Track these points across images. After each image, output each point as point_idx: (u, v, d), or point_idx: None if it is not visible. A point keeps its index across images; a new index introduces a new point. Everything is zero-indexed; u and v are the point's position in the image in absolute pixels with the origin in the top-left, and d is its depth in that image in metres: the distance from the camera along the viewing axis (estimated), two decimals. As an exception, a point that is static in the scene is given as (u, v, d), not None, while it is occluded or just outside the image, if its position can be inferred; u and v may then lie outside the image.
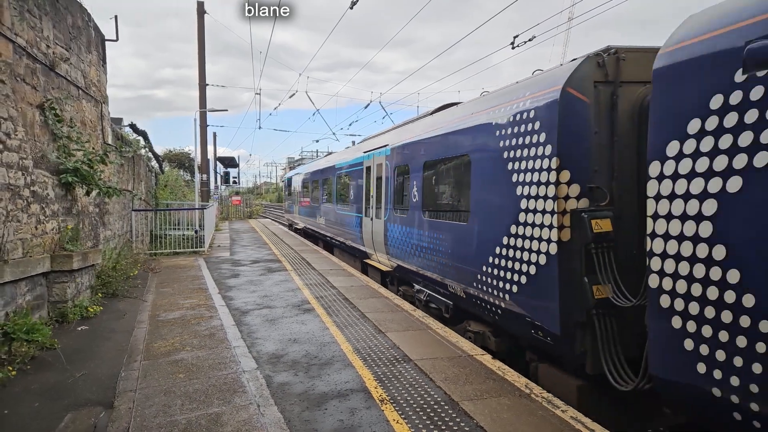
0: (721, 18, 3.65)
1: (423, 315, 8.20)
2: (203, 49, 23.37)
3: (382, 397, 4.89)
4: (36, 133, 7.25)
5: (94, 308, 7.99)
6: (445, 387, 5.15)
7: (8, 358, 5.61)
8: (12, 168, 6.39)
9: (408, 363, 5.88)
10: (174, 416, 4.47)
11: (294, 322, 7.73)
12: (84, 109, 9.62)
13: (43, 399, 4.92)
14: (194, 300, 9.19)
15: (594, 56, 5.13)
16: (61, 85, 8.37)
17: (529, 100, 5.71)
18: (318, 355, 6.19)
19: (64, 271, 7.40)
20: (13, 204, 6.36)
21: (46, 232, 7.38)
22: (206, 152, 24.73)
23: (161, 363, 5.85)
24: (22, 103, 6.85)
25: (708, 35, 3.67)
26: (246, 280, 11.49)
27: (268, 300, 9.31)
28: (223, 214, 38.33)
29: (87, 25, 9.95)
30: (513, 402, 4.81)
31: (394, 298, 9.44)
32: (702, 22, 3.82)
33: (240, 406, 4.68)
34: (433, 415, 4.54)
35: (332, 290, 10.18)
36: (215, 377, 5.40)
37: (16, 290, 6.38)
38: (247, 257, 15.57)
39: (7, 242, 6.18)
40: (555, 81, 5.33)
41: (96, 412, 4.68)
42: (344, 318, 7.93)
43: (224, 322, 7.61)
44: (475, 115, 7.05)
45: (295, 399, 4.89)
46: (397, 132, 11.60)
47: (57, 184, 7.86)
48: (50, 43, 7.91)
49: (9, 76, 6.43)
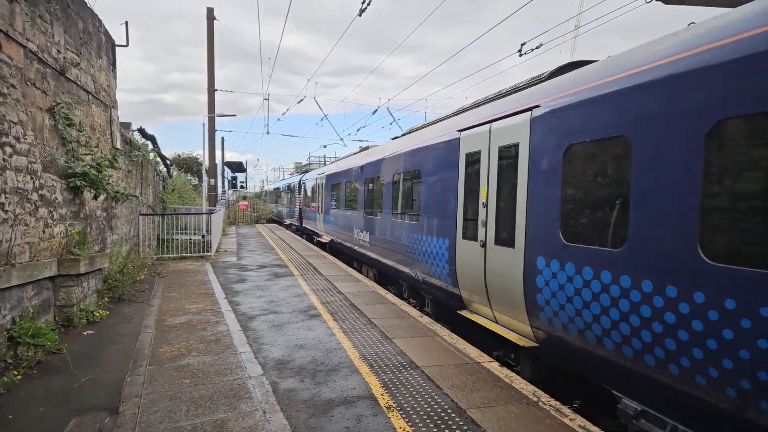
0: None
1: (430, 321, 8.13)
2: (212, 54, 23.50)
3: (388, 405, 4.84)
4: (45, 137, 7.28)
5: (100, 312, 7.99)
6: (453, 394, 5.09)
7: (14, 362, 5.61)
8: (21, 171, 6.41)
9: (415, 370, 5.82)
10: (179, 422, 4.44)
11: (300, 327, 7.69)
12: (93, 113, 9.67)
13: (48, 404, 4.90)
14: (200, 305, 9.18)
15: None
16: (71, 90, 8.42)
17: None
18: (324, 361, 6.14)
19: (71, 275, 7.41)
20: (21, 207, 6.38)
21: (54, 235, 7.40)
22: (214, 157, 24.79)
23: (167, 368, 5.82)
24: (32, 107, 6.88)
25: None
26: (252, 285, 11.47)
27: (274, 305, 9.28)
28: (231, 219, 38.44)
29: (98, 31, 10.01)
30: (521, 410, 4.74)
31: (401, 304, 9.37)
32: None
33: (246, 413, 4.64)
34: (440, 423, 4.48)
35: (339, 296, 10.13)
36: (221, 383, 5.37)
37: (23, 294, 6.38)
38: (254, 262, 15.57)
39: (15, 246, 6.19)
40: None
41: (101, 417, 4.66)
42: (351, 324, 7.88)
43: (230, 328, 7.59)
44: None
45: (301, 405, 4.84)
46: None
47: (65, 188, 7.88)
48: (61, 48, 7.96)
49: (19, 81, 6.47)
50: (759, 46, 3.44)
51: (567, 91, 5.53)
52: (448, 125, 8.74)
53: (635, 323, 4.35)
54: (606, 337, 4.70)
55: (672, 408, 4.23)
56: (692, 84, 3.97)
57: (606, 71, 5.04)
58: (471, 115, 8.01)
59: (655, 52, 4.45)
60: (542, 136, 5.84)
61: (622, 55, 5.06)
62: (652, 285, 4.17)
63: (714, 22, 4.00)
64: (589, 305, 4.89)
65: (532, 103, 6.16)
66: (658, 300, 4.11)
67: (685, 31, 4.32)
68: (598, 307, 4.77)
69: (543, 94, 6.05)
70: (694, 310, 3.75)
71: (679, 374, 3.96)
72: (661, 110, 4.21)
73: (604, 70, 5.12)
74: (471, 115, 8.01)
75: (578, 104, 5.26)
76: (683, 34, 4.28)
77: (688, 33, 4.23)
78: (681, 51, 4.13)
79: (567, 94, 5.49)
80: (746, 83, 3.54)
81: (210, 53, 23.44)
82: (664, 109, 4.18)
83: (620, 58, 5.03)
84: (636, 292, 4.33)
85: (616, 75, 4.82)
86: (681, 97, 4.04)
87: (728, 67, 3.66)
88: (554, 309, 5.44)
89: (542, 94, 6.08)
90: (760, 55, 3.43)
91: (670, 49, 4.29)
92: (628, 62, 4.76)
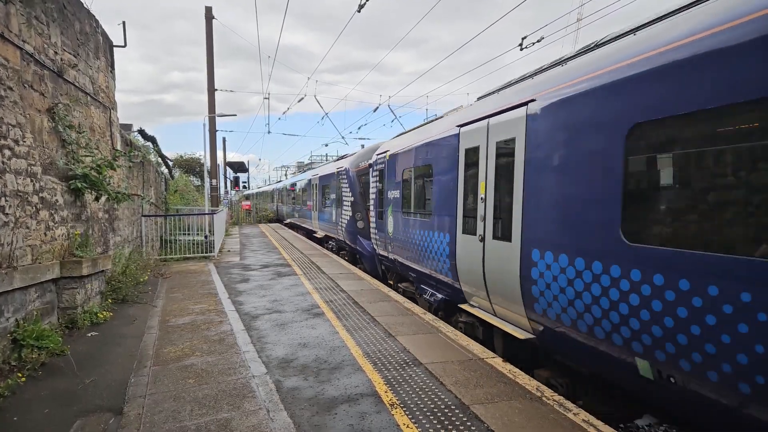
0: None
1: (433, 318, 8.11)
2: (212, 53, 23.46)
3: (392, 402, 4.83)
4: (44, 139, 7.28)
5: (104, 314, 8.00)
6: (456, 391, 5.07)
7: (18, 364, 5.61)
8: (20, 174, 6.41)
9: (418, 367, 5.81)
10: (183, 422, 4.44)
11: (304, 326, 7.69)
12: (93, 115, 9.67)
13: (53, 405, 4.91)
14: (204, 305, 9.19)
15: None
16: (70, 92, 8.41)
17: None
18: (328, 359, 6.13)
19: (74, 277, 7.41)
20: (21, 210, 6.38)
21: (56, 238, 7.40)
22: (216, 157, 24.78)
23: (171, 368, 5.82)
24: (30, 109, 6.88)
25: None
26: (256, 284, 11.47)
27: (277, 304, 9.28)
28: (234, 219, 38.49)
29: (95, 31, 10.00)
30: (524, 405, 4.72)
31: (404, 302, 9.36)
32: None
33: (249, 412, 4.64)
34: (444, 419, 4.46)
35: (342, 294, 10.13)
36: (225, 382, 5.36)
37: (26, 297, 6.39)
38: (257, 262, 15.57)
39: (16, 249, 6.19)
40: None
41: (105, 418, 4.66)
42: (354, 322, 7.87)
43: (234, 327, 7.59)
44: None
45: (305, 404, 4.84)
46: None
47: (66, 191, 7.89)
48: (58, 50, 7.95)
49: (17, 83, 6.46)
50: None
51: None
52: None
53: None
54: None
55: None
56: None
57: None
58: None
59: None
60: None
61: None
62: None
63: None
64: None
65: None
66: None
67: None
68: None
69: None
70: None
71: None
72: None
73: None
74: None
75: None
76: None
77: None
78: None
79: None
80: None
81: (209, 53, 23.41)
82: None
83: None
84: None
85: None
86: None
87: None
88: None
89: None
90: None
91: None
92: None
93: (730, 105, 3.52)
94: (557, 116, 5.45)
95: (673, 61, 4.00)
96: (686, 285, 3.78)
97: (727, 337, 3.51)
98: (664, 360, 4.03)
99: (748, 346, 3.37)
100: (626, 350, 4.40)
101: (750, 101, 3.38)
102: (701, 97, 3.70)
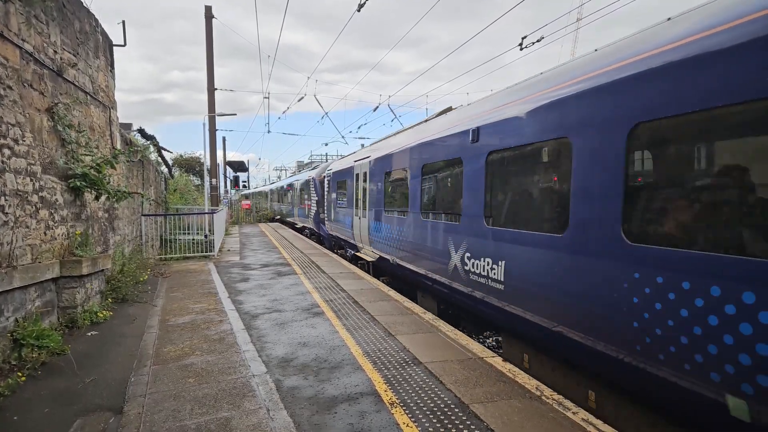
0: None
1: (433, 318, 8.12)
2: (211, 53, 23.45)
3: (392, 401, 4.83)
4: (44, 138, 7.28)
5: (104, 313, 8.00)
6: (456, 390, 5.08)
7: (18, 364, 5.62)
8: (20, 174, 6.41)
9: (418, 366, 5.81)
10: (183, 421, 4.44)
11: (304, 325, 7.69)
12: (92, 114, 9.66)
13: (53, 404, 4.91)
14: (204, 304, 9.19)
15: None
16: (69, 91, 8.41)
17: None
18: (328, 358, 6.13)
19: (74, 276, 7.41)
20: (21, 210, 6.38)
21: (55, 237, 7.40)
22: (215, 156, 24.77)
23: (171, 368, 5.83)
24: (30, 108, 6.87)
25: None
26: (256, 284, 11.48)
27: (277, 304, 9.28)
28: (234, 219, 38.49)
29: (94, 31, 10.00)
30: (524, 404, 4.73)
31: (404, 301, 9.37)
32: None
33: (249, 411, 4.64)
34: (444, 418, 4.47)
35: (342, 293, 10.13)
36: (225, 381, 5.37)
37: (26, 296, 6.39)
38: (257, 261, 15.58)
39: (16, 248, 6.20)
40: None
41: (106, 417, 4.66)
42: (354, 321, 7.87)
43: (234, 327, 7.59)
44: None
45: (305, 403, 4.84)
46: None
47: (66, 190, 7.89)
48: (57, 49, 7.95)
49: (16, 82, 6.46)
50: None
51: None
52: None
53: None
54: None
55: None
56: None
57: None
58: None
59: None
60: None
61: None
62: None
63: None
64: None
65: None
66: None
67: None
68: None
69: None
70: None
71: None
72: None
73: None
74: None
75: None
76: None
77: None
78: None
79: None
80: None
81: (209, 52, 23.39)
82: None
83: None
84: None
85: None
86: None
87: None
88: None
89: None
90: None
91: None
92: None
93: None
94: (375, 165, 12.60)
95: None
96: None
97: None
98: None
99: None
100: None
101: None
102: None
